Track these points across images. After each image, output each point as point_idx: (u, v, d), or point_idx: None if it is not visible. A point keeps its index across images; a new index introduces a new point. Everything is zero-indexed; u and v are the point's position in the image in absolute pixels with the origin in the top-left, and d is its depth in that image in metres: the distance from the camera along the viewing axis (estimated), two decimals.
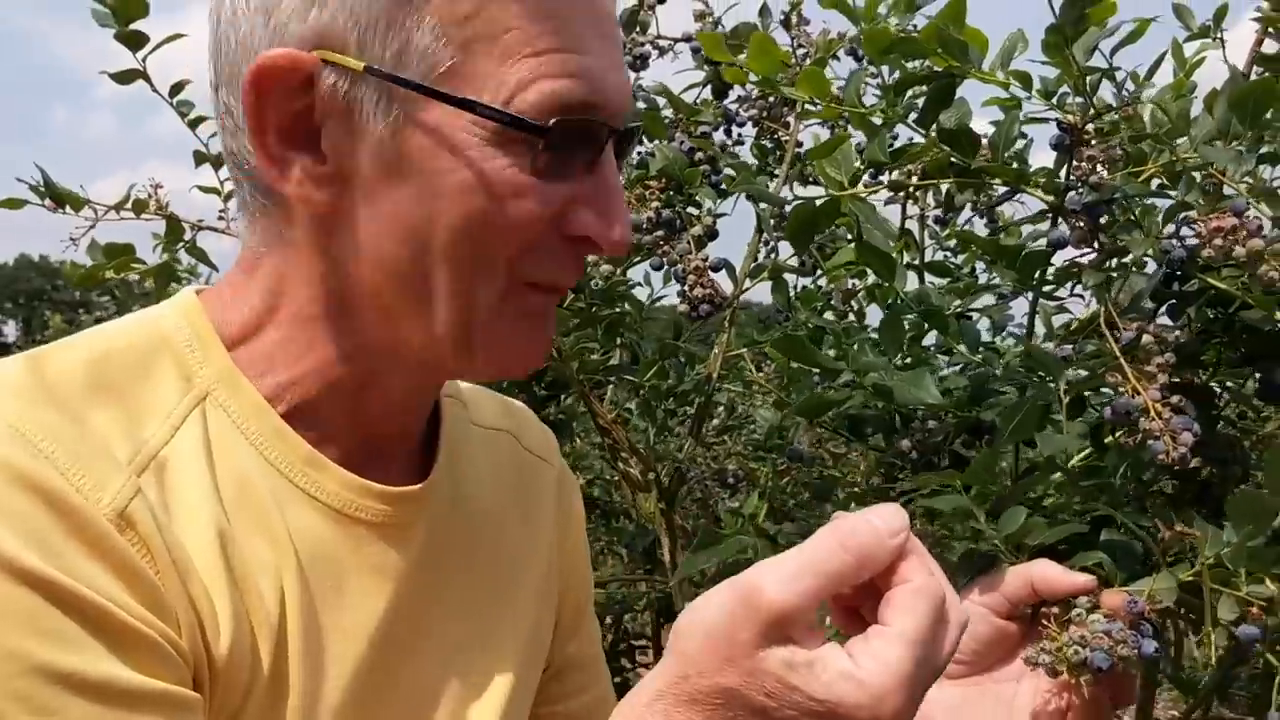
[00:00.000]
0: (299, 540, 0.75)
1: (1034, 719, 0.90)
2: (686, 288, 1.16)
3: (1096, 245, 0.97)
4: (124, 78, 1.79)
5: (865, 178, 1.19)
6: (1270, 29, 1.36)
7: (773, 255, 1.48)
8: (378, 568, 0.80)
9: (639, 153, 1.24)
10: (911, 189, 1.12)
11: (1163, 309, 1.08)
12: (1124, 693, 0.91)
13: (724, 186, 1.19)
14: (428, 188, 0.71)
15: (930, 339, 1.39)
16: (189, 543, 0.69)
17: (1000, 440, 0.96)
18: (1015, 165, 1.08)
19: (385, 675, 0.79)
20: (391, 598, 0.80)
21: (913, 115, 1.08)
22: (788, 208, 1.19)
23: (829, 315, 1.70)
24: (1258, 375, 1.12)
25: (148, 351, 0.75)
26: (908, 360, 1.18)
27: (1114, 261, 1.05)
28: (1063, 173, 1.05)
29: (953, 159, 1.03)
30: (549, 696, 1.01)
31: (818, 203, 1.04)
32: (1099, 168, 0.93)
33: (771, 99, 1.61)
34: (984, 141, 1.10)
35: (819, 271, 1.62)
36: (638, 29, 1.45)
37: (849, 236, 1.62)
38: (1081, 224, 0.95)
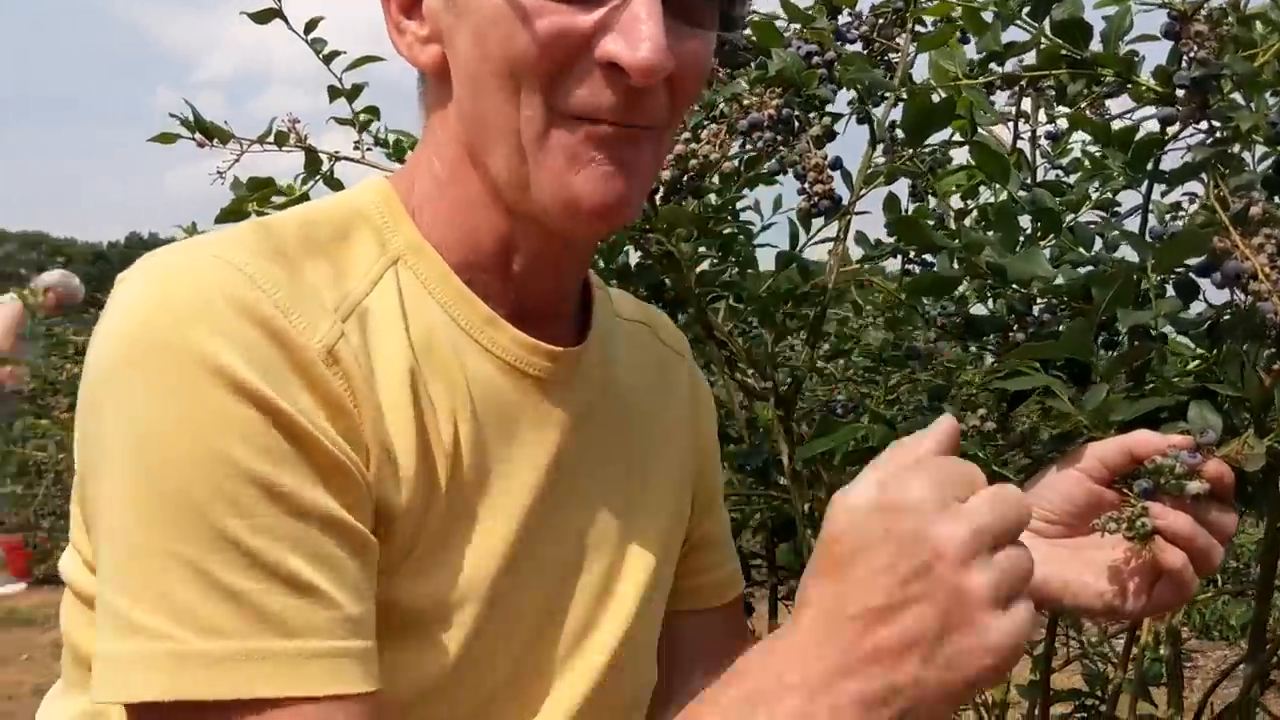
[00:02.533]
0: (475, 388, 0.84)
1: (1114, 578, 0.92)
2: (807, 184, 1.20)
3: (1206, 124, 0.99)
4: (261, 17, 1.89)
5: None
6: None
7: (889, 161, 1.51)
8: (543, 420, 0.88)
9: (759, 58, 1.29)
10: (1024, 81, 1.15)
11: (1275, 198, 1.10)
12: (1205, 561, 0.91)
13: (839, 85, 1.22)
14: (475, 24, 0.78)
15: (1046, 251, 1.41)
16: (382, 382, 0.77)
17: (1094, 312, 1.00)
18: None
19: (547, 521, 0.87)
20: (553, 449, 0.88)
21: (1025, 10, 1.11)
22: (901, 101, 1.22)
23: (941, 234, 1.73)
24: None
25: (348, 222, 0.84)
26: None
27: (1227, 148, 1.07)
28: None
29: (1064, 50, 1.06)
30: (689, 569, 1.08)
31: (934, 98, 1.08)
32: (1206, 45, 0.96)
33: (881, 19, 1.64)
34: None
35: (930, 193, 1.65)
36: None
37: (960, 149, 1.65)
38: (1191, 100, 0.98)
